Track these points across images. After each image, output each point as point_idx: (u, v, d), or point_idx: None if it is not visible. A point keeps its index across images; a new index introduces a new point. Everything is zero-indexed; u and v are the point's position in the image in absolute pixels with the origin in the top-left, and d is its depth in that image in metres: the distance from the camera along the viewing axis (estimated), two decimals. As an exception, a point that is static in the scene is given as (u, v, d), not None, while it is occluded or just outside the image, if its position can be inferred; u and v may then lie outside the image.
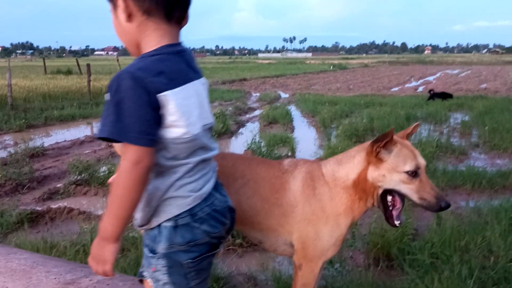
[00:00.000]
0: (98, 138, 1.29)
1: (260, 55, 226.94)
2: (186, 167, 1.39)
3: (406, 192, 1.85)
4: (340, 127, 9.10)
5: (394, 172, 1.83)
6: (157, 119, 1.28)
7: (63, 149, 7.77)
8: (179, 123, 1.32)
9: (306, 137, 9.15)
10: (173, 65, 1.35)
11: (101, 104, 13.48)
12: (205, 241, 1.43)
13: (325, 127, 9.86)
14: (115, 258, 1.35)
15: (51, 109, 12.25)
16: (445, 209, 1.84)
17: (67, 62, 54.37)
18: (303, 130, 10.10)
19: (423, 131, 9.22)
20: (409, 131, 2.03)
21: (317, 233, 1.89)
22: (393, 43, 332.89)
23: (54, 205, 4.86)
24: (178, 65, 1.37)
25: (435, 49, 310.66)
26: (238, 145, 8.33)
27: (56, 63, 53.05)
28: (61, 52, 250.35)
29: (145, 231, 1.48)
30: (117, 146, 1.81)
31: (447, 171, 5.75)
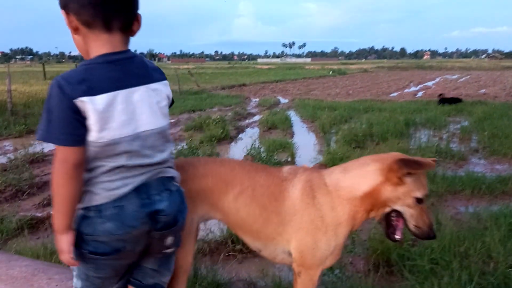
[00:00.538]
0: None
1: (259, 60, 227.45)
2: (103, 168, 1.47)
3: (406, 216, 1.90)
4: (340, 132, 9.12)
5: (408, 196, 1.85)
6: (81, 121, 1.40)
7: (63, 154, 7.75)
8: (94, 127, 1.41)
9: (305, 142, 9.16)
10: (101, 74, 1.44)
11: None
12: (106, 240, 1.48)
13: (324, 132, 9.87)
14: (71, 247, 1.48)
15: (51, 115, 12.23)
16: (432, 239, 1.93)
17: (67, 67, 54.46)
18: (302, 136, 10.12)
19: (423, 136, 9.23)
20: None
21: (315, 242, 1.87)
22: (392, 48, 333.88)
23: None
24: (109, 74, 1.45)
25: (434, 54, 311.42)
26: (238, 150, 8.34)
27: (55, 68, 53.13)
28: (60, 58, 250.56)
29: None
30: None
31: (446, 177, 5.75)
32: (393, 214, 1.92)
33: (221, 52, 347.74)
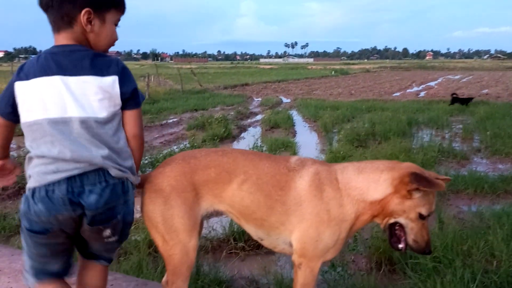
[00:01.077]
0: None
1: (262, 60, 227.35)
2: (34, 151, 1.63)
3: (407, 229, 1.93)
4: (342, 131, 9.12)
5: (412, 210, 1.87)
6: (12, 101, 1.65)
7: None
8: (19, 108, 1.64)
9: (307, 141, 9.16)
10: (36, 63, 1.65)
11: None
12: (36, 220, 1.61)
13: (326, 131, 9.87)
14: None
15: (53, 113, 12.27)
16: (427, 255, 2.02)
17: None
18: (304, 135, 10.12)
19: (425, 135, 9.22)
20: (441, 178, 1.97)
21: (319, 234, 1.88)
22: (395, 48, 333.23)
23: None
24: (42, 63, 1.64)
25: (436, 54, 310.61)
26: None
27: (58, 67, 53.06)
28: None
29: None
30: None
31: (449, 176, 5.73)
32: (397, 224, 1.95)
33: (224, 52, 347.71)
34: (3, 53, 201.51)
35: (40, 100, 1.61)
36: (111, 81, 1.66)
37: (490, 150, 7.72)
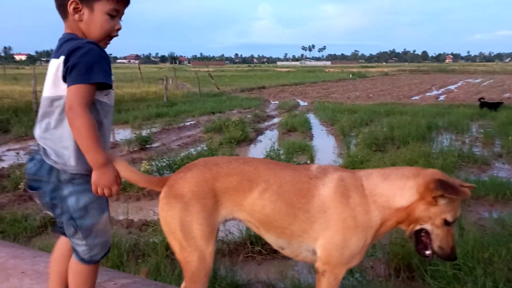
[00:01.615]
0: None
1: (279, 63, 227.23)
2: None
3: (432, 236, 1.91)
4: (360, 135, 9.05)
5: (438, 216, 1.87)
6: None
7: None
8: None
9: (325, 145, 9.12)
10: None
11: (123, 110, 13.70)
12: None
13: (344, 135, 9.80)
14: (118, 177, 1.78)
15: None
16: (452, 261, 2.00)
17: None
18: (322, 138, 10.07)
19: (445, 140, 9.09)
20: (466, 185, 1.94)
21: (345, 241, 1.86)
22: (414, 51, 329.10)
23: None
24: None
25: (456, 58, 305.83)
26: (257, 152, 8.35)
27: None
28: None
29: None
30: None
31: (469, 181, 5.63)
32: (423, 231, 1.94)
33: (241, 55, 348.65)
34: (25, 56, 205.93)
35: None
36: (58, 63, 1.73)
37: (512, 156, 7.57)
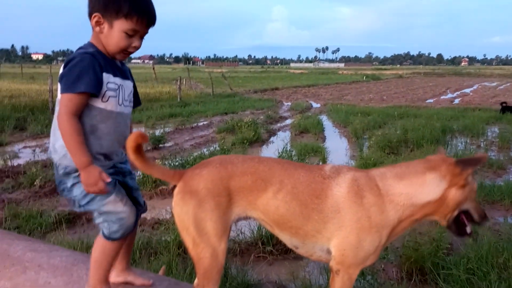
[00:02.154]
0: None
1: (292, 65, 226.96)
2: None
3: (471, 211, 1.95)
4: (373, 138, 8.98)
5: (473, 192, 1.92)
6: None
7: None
8: None
9: (337, 147, 9.08)
10: None
11: (137, 110, 13.81)
12: None
13: (357, 137, 9.75)
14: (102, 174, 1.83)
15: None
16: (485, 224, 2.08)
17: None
18: (334, 140, 10.03)
19: (459, 144, 8.98)
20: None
21: (359, 241, 1.85)
22: (429, 54, 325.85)
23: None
24: None
25: (472, 61, 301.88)
26: (269, 153, 8.35)
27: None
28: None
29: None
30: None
31: (484, 186, 5.57)
32: (461, 213, 1.96)
33: (254, 56, 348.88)
34: (42, 55, 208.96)
35: None
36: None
37: (528, 160, 7.44)
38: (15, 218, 4.46)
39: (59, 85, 1.88)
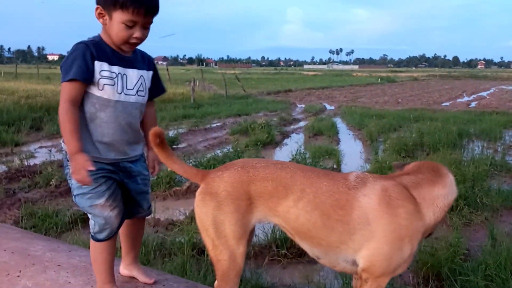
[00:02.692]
0: None
1: (305, 66, 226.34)
2: None
3: None
4: (388, 141, 8.90)
5: None
6: None
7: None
8: None
9: (352, 150, 9.02)
10: None
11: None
12: None
13: (372, 140, 9.67)
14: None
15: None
16: None
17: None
18: (349, 143, 9.97)
19: (476, 148, 8.85)
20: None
21: (394, 251, 1.82)
22: (445, 56, 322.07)
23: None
24: None
25: (489, 63, 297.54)
26: (283, 155, 8.33)
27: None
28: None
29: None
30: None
31: (502, 191, 5.48)
32: None
33: (268, 58, 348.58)
34: (57, 56, 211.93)
35: None
36: None
37: (547, 165, 7.29)
38: (31, 217, 4.51)
39: None
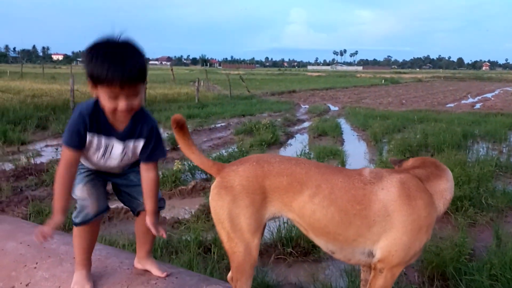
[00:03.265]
0: None
1: (309, 67, 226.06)
2: None
3: None
4: (392, 142, 8.91)
5: None
6: None
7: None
8: None
9: (356, 150, 9.03)
10: None
11: (155, 111, 13.96)
12: None
13: (376, 141, 9.68)
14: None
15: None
16: None
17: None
18: (353, 144, 9.98)
19: (481, 149, 8.84)
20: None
21: (413, 241, 1.89)
22: (449, 58, 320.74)
23: (112, 205, 5.06)
24: None
25: (493, 65, 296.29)
26: (288, 155, 8.32)
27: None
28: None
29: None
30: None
31: (507, 192, 5.48)
32: None
33: (272, 59, 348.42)
34: (62, 56, 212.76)
35: None
36: None
37: (553, 167, 7.27)
38: (38, 215, 4.55)
39: None
